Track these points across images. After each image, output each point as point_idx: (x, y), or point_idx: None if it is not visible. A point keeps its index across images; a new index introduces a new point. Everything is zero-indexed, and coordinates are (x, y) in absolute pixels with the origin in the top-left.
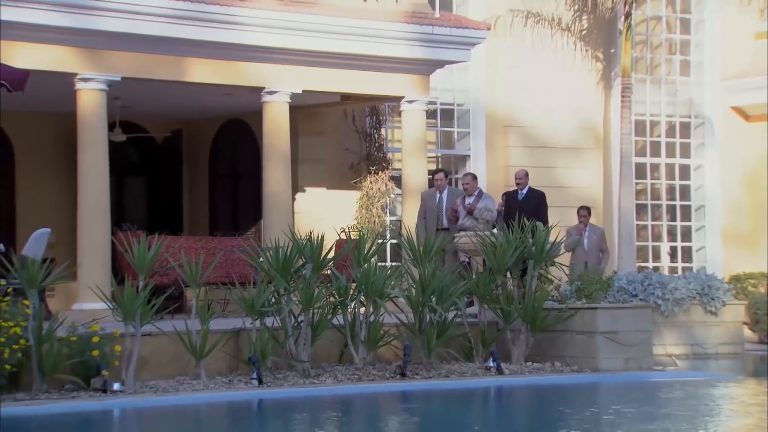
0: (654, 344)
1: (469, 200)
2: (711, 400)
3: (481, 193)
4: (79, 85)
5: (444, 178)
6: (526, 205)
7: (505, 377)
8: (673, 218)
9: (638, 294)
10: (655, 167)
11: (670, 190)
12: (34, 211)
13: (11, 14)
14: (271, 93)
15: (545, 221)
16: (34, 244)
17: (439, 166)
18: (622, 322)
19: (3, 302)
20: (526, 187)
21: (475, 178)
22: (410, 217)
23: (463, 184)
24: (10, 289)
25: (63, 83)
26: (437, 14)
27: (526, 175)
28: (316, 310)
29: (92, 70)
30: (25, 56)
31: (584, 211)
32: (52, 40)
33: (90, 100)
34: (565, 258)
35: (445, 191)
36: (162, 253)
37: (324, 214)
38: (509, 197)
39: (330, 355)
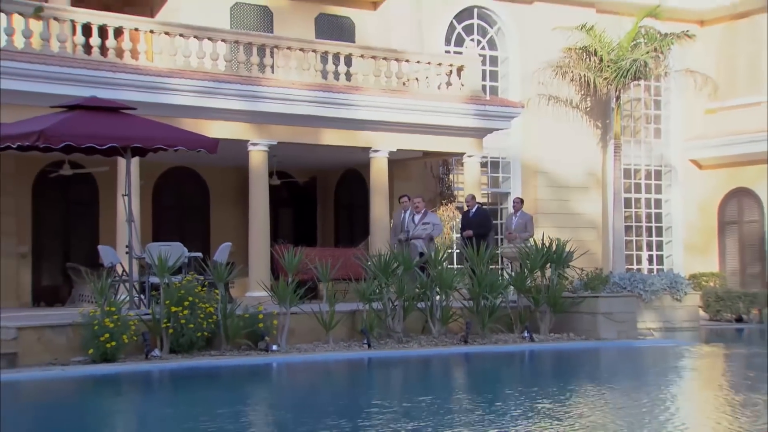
0: (637, 321)
1: (417, 217)
2: (680, 356)
3: (426, 212)
4: (250, 148)
5: (407, 201)
6: (474, 221)
7: (536, 344)
8: (650, 235)
9: (626, 287)
10: (637, 200)
11: (648, 215)
12: (220, 231)
13: (208, 102)
14: (376, 151)
15: (488, 232)
16: (221, 253)
17: (489, 200)
18: (615, 306)
19: (201, 291)
20: (475, 207)
21: (423, 200)
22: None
23: (415, 203)
24: (206, 283)
25: (239, 147)
26: (488, 97)
27: (473, 198)
28: (406, 298)
29: (259, 138)
30: (216, 130)
31: (517, 199)
32: (233, 118)
33: (257, 158)
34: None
35: (408, 210)
36: (303, 259)
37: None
38: (464, 214)
39: (416, 328)
